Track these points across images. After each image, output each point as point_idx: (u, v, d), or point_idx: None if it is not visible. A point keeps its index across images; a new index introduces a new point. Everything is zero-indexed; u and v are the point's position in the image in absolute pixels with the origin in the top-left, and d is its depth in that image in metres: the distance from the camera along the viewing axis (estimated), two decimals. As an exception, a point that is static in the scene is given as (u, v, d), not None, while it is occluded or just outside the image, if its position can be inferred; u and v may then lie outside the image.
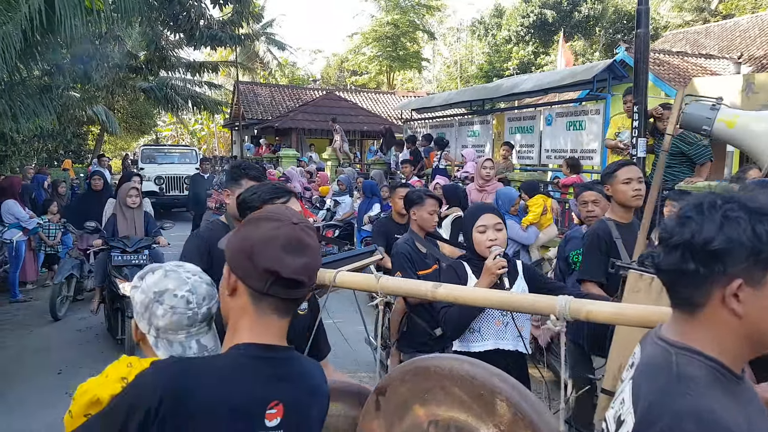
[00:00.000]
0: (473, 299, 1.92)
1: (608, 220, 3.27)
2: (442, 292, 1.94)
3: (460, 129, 12.64)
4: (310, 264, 1.28)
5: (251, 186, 2.35)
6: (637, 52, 6.15)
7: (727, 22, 20.54)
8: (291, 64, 39.39)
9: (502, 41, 31.01)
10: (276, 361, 1.29)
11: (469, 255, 2.78)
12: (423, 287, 1.99)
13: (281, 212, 1.34)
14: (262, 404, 1.24)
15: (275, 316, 1.28)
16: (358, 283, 2.05)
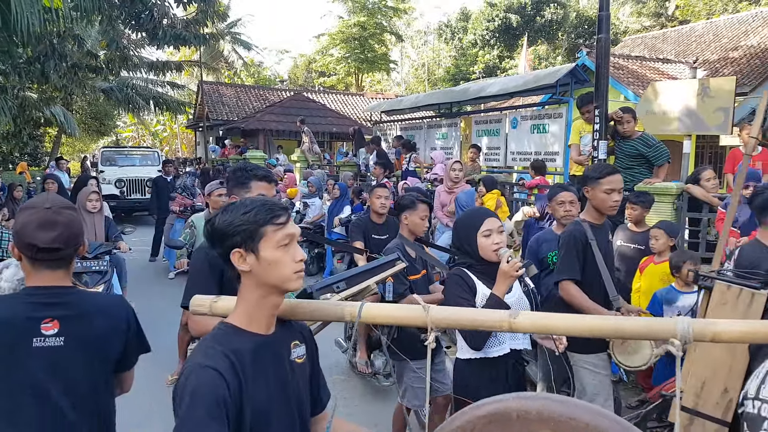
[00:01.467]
0: (574, 328, 1.55)
1: (583, 222, 3.28)
2: (525, 322, 1.57)
3: (429, 131, 12.74)
4: (61, 235, 1.75)
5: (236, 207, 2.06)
6: (599, 56, 6.29)
7: (683, 27, 21.17)
8: (257, 64, 39.02)
9: (468, 45, 31.35)
10: (51, 293, 1.79)
11: (470, 261, 2.66)
12: (495, 317, 1.61)
13: (38, 201, 1.80)
14: (35, 321, 1.75)
15: (48, 270, 1.79)
16: (399, 318, 1.68)
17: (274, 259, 1.48)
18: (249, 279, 1.51)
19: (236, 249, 1.47)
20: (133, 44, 15.58)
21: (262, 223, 1.47)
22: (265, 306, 1.53)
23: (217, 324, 1.55)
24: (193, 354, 1.45)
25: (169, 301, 7.13)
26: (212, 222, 1.52)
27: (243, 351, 1.46)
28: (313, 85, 36.29)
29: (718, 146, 13.31)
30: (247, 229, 1.47)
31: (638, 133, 6.11)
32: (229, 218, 1.49)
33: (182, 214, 9.14)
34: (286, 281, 1.50)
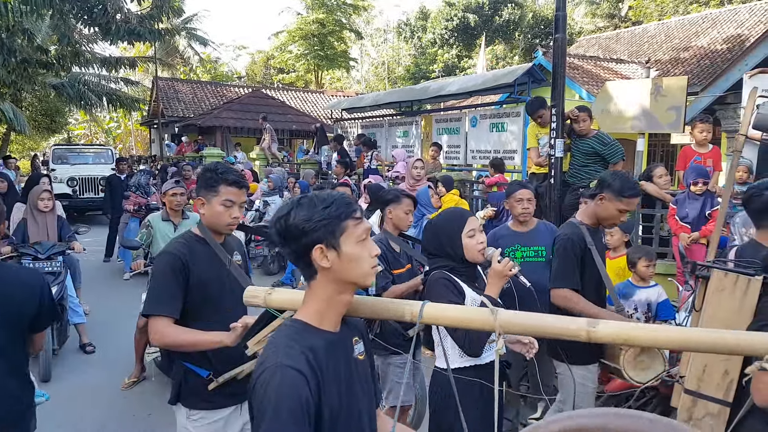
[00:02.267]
0: (669, 341, 1.39)
1: (581, 225, 3.14)
2: (607, 331, 1.42)
3: (390, 129, 12.77)
4: None
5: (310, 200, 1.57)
6: (555, 55, 6.40)
7: (636, 28, 21.79)
8: (214, 60, 38.34)
9: (427, 44, 31.55)
10: None
11: (451, 264, 2.53)
12: (572, 326, 1.46)
13: None
14: None
15: None
16: (464, 320, 1.59)
17: (355, 255, 1.44)
18: (326, 276, 1.45)
19: (318, 245, 1.41)
20: (85, 39, 15.11)
21: (344, 217, 1.43)
22: (338, 303, 1.50)
23: (287, 320, 1.53)
24: (271, 351, 1.40)
25: (125, 302, 6.96)
26: (285, 219, 1.44)
27: (318, 349, 1.42)
28: (272, 82, 35.92)
29: (669, 144, 13.74)
30: (329, 223, 1.42)
31: (594, 132, 6.26)
32: (308, 213, 1.42)
33: (137, 213, 8.93)
34: (364, 277, 1.47)
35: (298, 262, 1.47)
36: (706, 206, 5.17)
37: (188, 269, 2.34)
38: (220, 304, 2.41)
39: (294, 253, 1.46)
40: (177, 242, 2.45)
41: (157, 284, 2.35)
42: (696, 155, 5.77)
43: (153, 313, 2.29)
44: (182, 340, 2.27)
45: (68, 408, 4.48)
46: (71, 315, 5.60)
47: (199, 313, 2.37)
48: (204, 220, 2.47)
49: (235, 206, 2.43)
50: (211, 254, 2.44)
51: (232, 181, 2.41)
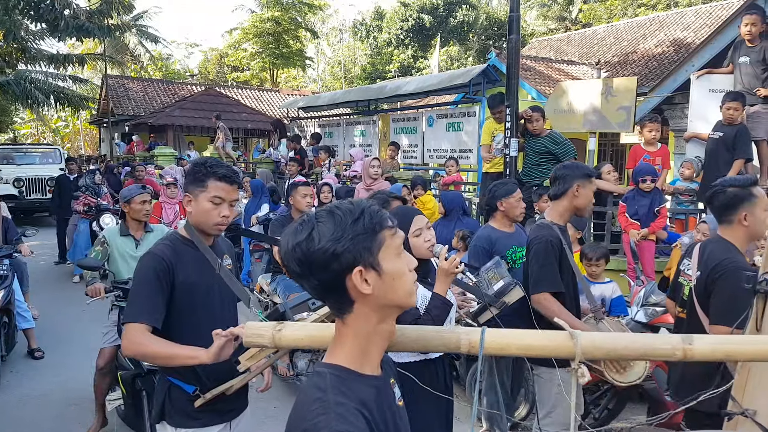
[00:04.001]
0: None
1: (553, 225, 3.09)
2: (704, 348, 1.31)
3: (347, 128, 12.77)
4: None
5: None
6: (509, 56, 6.52)
7: (586, 30, 22.36)
8: (165, 57, 37.52)
9: (383, 44, 31.63)
10: None
11: None
12: (666, 347, 1.33)
13: None
14: None
15: None
16: (538, 348, 1.37)
17: (398, 271, 1.16)
18: (366, 304, 1.16)
19: (357, 267, 1.12)
20: (32, 35, 14.52)
21: (379, 228, 1.15)
22: (381, 337, 1.21)
23: (324, 367, 1.18)
24: (318, 413, 1.08)
25: (75, 305, 6.74)
26: (306, 243, 1.13)
27: (369, 403, 1.14)
28: (225, 81, 35.37)
29: (619, 143, 14.17)
30: (365, 239, 1.13)
31: (547, 131, 6.41)
32: (335, 231, 1.12)
33: (87, 214, 8.67)
34: (409, 296, 1.20)
35: (326, 295, 1.18)
36: (655, 203, 5.37)
37: (173, 274, 2.16)
38: (208, 312, 2.24)
39: (322, 285, 1.15)
40: (162, 244, 2.26)
41: (138, 289, 2.16)
42: (645, 154, 5.98)
43: (131, 320, 2.09)
44: (156, 351, 2.06)
45: (17, 416, 4.32)
46: (19, 320, 5.37)
47: (185, 322, 2.20)
48: (191, 219, 2.27)
49: (224, 204, 2.22)
50: (199, 258, 2.24)
51: (221, 176, 2.20)
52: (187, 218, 2.29)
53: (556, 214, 3.14)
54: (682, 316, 3.02)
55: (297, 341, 1.42)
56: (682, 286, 3.07)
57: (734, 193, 2.67)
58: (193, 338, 2.10)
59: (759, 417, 1.85)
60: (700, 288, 2.78)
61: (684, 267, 3.09)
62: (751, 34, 5.53)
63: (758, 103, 5.49)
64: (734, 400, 1.97)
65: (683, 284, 3.06)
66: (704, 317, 2.74)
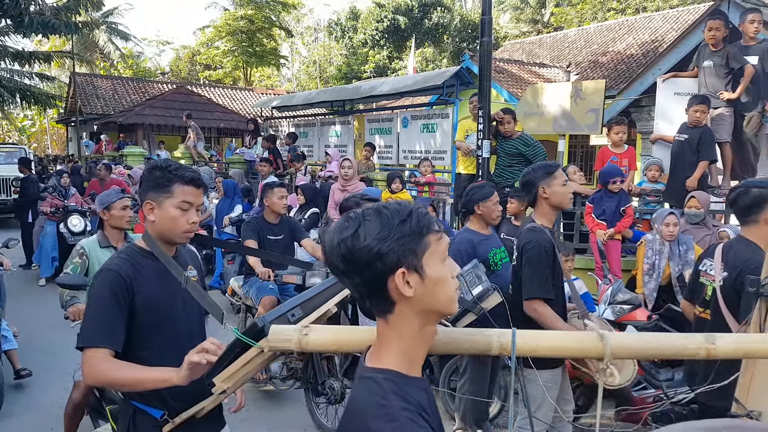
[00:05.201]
0: None
1: (544, 228, 3.09)
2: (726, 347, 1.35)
3: (323, 129, 12.75)
4: None
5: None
6: (482, 58, 6.59)
7: (557, 34, 22.68)
8: (136, 55, 36.91)
9: (358, 44, 31.61)
10: None
11: None
12: (691, 346, 1.37)
13: None
14: None
15: None
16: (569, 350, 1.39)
17: (441, 276, 1.15)
18: (407, 307, 1.15)
19: (400, 269, 1.11)
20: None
21: (425, 231, 1.14)
22: (424, 340, 1.20)
23: (375, 372, 1.17)
24: (384, 420, 1.07)
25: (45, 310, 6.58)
26: (351, 240, 1.12)
27: (425, 406, 1.13)
28: (197, 79, 34.96)
29: (588, 145, 14.41)
30: (410, 241, 1.12)
31: (518, 133, 6.51)
32: (382, 230, 1.12)
33: (54, 216, 8.49)
34: (451, 302, 1.19)
35: (368, 295, 1.16)
36: (621, 203, 5.48)
37: (132, 291, 1.98)
38: (173, 330, 2.08)
39: (364, 283, 1.15)
40: (119, 257, 2.06)
41: (94, 310, 1.97)
42: (613, 155, 6.10)
43: (88, 344, 1.89)
44: (121, 377, 1.88)
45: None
46: (2, 342, 4.75)
47: (148, 341, 2.02)
48: (152, 229, 2.07)
49: (192, 209, 2.06)
50: (162, 271, 2.06)
51: (189, 179, 2.04)
52: (147, 227, 2.10)
53: (541, 217, 3.14)
54: (704, 317, 3.00)
55: (324, 345, 1.40)
56: (704, 286, 3.04)
57: (759, 194, 2.71)
58: (159, 359, 1.94)
59: (764, 418, 1.88)
60: (728, 289, 2.77)
61: (706, 268, 3.05)
62: (715, 39, 5.67)
63: (722, 106, 5.63)
64: (738, 402, 2.00)
65: (705, 284, 3.03)
66: (730, 318, 2.72)
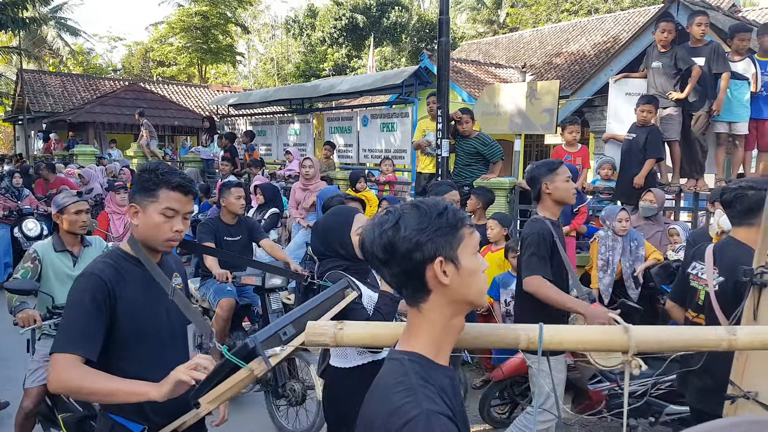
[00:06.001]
0: None
1: (546, 219, 3.19)
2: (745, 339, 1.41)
3: (281, 127, 12.61)
4: None
5: None
6: (440, 58, 6.65)
7: (513, 34, 23.04)
8: (86, 51, 35.82)
9: (316, 42, 31.40)
10: None
11: (344, 263, 2.53)
12: (712, 338, 1.43)
13: None
14: None
15: None
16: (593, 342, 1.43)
17: (474, 268, 1.23)
18: (441, 296, 1.22)
19: (438, 258, 1.18)
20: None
21: (460, 225, 1.22)
22: (453, 330, 1.26)
23: (400, 354, 1.23)
24: (404, 395, 1.13)
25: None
26: (393, 231, 1.19)
27: (447, 391, 1.19)
28: (151, 76, 34.13)
29: (543, 144, 14.72)
30: (447, 232, 1.20)
31: (476, 133, 6.59)
32: (420, 222, 1.19)
33: (7, 219, 8.11)
34: (481, 294, 1.27)
35: (405, 283, 1.23)
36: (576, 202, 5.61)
37: (114, 298, 1.88)
38: (155, 340, 1.99)
39: (403, 272, 1.21)
40: (102, 261, 1.96)
41: (71, 316, 1.86)
42: (566, 154, 6.24)
43: (60, 350, 1.79)
44: (92, 386, 1.75)
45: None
46: None
47: (127, 350, 1.93)
48: (137, 234, 1.99)
49: (178, 216, 1.96)
50: (146, 278, 1.98)
51: (176, 185, 1.94)
52: (132, 231, 2.02)
53: (545, 211, 3.24)
54: (699, 321, 2.90)
55: (359, 339, 1.43)
56: (696, 291, 2.93)
57: (760, 197, 2.61)
58: (137, 372, 1.86)
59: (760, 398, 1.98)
60: (725, 294, 2.69)
61: (696, 271, 2.96)
62: (665, 41, 5.84)
63: (670, 106, 5.81)
64: (734, 384, 2.06)
65: (698, 289, 2.92)
66: (726, 322, 2.62)
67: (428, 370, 1.19)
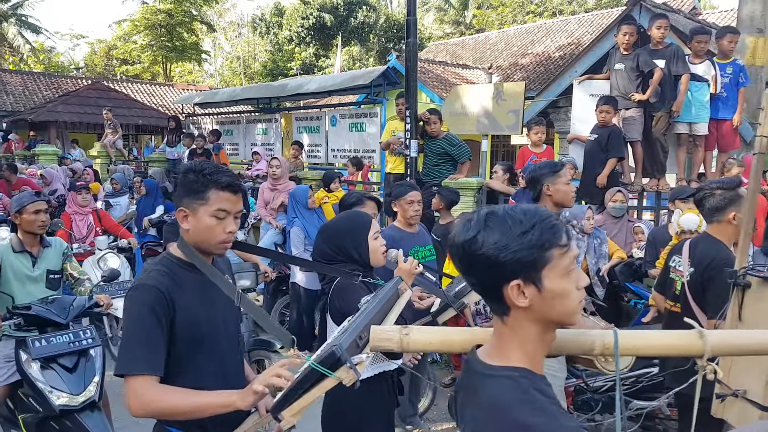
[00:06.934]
0: None
1: None
2: None
3: (248, 126, 12.48)
4: None
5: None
6: (408, 59, 6.67)
7: (479, 36, 23.27)
8: (48, 49, 34.88)
9: (284, 41, 31.17)
10: None
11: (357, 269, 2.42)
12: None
13: None
14: None
15: None
16: (668, 347, 1.40)
17: (559, 290, 1.14)
18: (523, 314, 1.16)
19: (515, 281, 1.12)
20: None
21: (548, 246, 1.12)
22: (544, 345, 1.21)
23: (507, 371, 1.16)
24: (535, 414, 1.08)
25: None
26: (471, 244, 1.13)
27: (557, 402, 1.15)
28: (114, 74, 33.45)
29: (510, 145, 14.91)
30: (529, 255, 1.11)
31: (444, 133, 6.64)
32: (502, 239, 1.11)
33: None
34: (570, 315, 1.18)
35: (485, 295, 1.20)
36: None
37: (173, 309, 1.78)
38: (214, 350, 1.88)
39: (480, 285, 1.18)
40: (155, 270, 1.85)
41: (135, 333, 1.74)
42: (532, 155, 6.33)
43: (132, 371, 1.69)
44: (180, 405, 1.69)
45: None
46: None
47: (186, 364, 1.82)
48: (189, 238, 1.89)
49: (230, 217, 1.88)
50: (201, 284, 1.88)
51: (226, 185, 1.86)
52: (182, 236, 1.92)
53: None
54: (676, 310, 3.17)
55: (426, 345, 1.38)
56: (674, 281, 3.22)
57: (724, 196, 2.88)
58: (196, 380, 1.79)
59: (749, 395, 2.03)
60: (695, 284, 2.95)
61: (674, 264, 3.23)
62: (627, 43, 5.95)
63: (633, 107, 5.94)
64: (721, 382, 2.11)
65: (675, 280, 3.21)
66: (699, 311, 2.91)
67: (539, 384, 1.15)
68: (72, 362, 3.21)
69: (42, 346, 3.16)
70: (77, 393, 3.08)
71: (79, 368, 3.21)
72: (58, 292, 3.77)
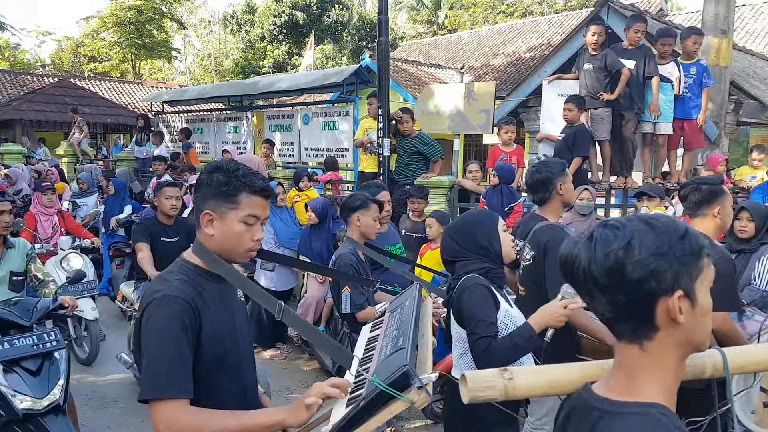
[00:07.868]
0: None
1: (563, 226, 3.16)
2: None
3: (219, 124, 12.33)
4: None
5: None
6: (380, 59, 6.68)
7: (451, 36, 23.41)
8: (13, 46, 34.02)
9: (256, 38, 30.90)
10: None
11: (487, 265, 2.36)
12: None
13: None
14: None
15: None
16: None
17: (708, 307, 1.02)
18: (669, 336, 1.01)
19: (678, 292, 0.98)
20: None
21: (702, 253, 1.01)
22: (679, 376, 1.06)
23: (641, 405, 1.00)
24: None
25: None
26: (625, 251, 0.99)
27: None
28: (82, 71, 32.75)
29: (482, 144, 15.02)
30: (690, 261, 0.99)
31: (416, 132, 6.67)
32: (661, 245, 0.99)
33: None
34: (707, 338, 1.06)
35: (628, 316, 1.02)
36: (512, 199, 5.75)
37: (200, 321, 1.61)
38: (234, 366, 1.73)
39: (629, 303, 1.00)
40: (177, 280, 1.65)
41: (161, 348, 1.55)
42: (503, 154, 6.39)
43: (162, 395, 1.50)
44: (222, 428, 1.51)
45: None
46: None
47: (209, 383, 1.64)
48: (212, 245, 1.70)
49: (258, 223, 1.72)
50: (222, 295, 1.73)
51: (259, 189, 1.69)
52: (203, 241, 1.72)
53: (551, 214, 3.16)
54: None
55: (534, 389, 1.24)
56: None
57: (709, 190, 2.92)
58: (221, 400, 1.63)
59: None
60: None
61: None
62: (596, 43, 6.03)
63: (601, 107, 6.03)
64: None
65: None
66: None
67: (681, 424, 1.00)
68: (36, 365, 3.16)
69: (4, 348, 3.11)
70: (41, 397, 3.03)
71: (43, 371, 3.16)
72: (21, 294, 3.70)
